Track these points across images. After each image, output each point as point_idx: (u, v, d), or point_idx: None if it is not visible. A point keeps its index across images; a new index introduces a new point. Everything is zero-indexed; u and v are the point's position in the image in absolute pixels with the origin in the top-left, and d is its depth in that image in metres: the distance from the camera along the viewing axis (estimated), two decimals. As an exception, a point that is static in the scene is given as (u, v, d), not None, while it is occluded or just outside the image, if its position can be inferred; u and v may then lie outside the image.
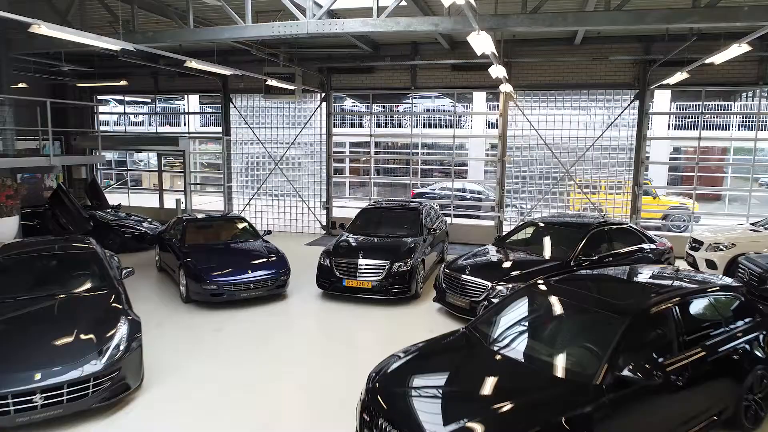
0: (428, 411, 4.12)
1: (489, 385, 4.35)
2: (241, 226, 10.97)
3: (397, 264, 9.10)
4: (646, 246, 9.71)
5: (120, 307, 6.19)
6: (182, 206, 15.91)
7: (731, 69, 12.53)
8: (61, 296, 6.33)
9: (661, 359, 4.49)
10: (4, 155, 9.54)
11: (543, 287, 5.58)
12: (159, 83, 16.97)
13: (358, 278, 9.09)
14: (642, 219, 14.86)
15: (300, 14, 7.92)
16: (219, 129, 17.25)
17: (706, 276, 6.62)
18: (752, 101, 21.58)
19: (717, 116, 22.30)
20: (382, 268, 9.07)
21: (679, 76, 10.41)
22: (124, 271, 7.31)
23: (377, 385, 4.53)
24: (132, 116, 21.92)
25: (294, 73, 14.07)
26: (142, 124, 25.47)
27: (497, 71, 9.68)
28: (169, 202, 17.48)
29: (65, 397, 5.07)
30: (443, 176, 20.49)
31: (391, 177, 21.76)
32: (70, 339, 5.47)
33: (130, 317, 6.00)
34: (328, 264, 9.42)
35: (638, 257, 9.32)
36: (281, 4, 7.86)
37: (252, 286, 8.97)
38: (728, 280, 6.17)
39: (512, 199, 14.77)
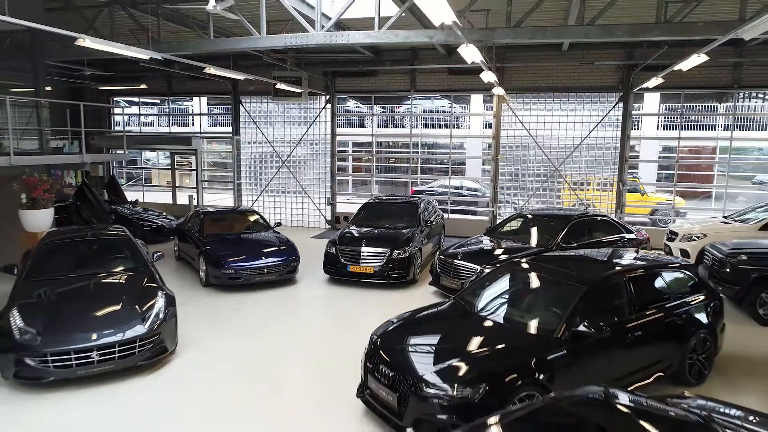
0: (420, 357, 5.08)
1: (472, 340, 5.29)
2: (253, 218, 11.94)
3: (396, 251, 10.06)
4: (624, 236, 10.65)
5: (156, 284, 7.16)
6: (194, 202, 16.90)
7: (709, 73, 13.47)
8: (105, 275, 7.30)
9: (611, 320, 5.43)
10: (40, 153, 10.50)
11: (520, 264, 6.54)
12: (172, 86, 17.95)
13: (361, 264, 10.06)
14: (630, 214, 15.82)
15: (308, 26, 8.84)
16: (225, 129, 18.21)
17: (660, 256, 7.55)
18: (740, 103, 22.49)
19: (706, 117, 23.16)
20: (383, 255, 10.04)
21: (655, 81, 11.34)
22: (155, 255, 8.28)
23: (378, 341, 5.49)
24: (142, 117, 22.83)
25: (301, 77, 15.02)
26: (151, 124, 26.44)
27: (488, 76, 10.61)
28: (181, 199, 18.48)
29: (116, 355, 6.04)
30: (442, 174, 21.44)
31: (392, 175, 22.76)
32: (117, 308, 6.44)
33: (165, 292, 6.97)
34: (334, 252, 10.39)
35: (616, 246, 10.26)
36: (290, 14, 8.80)
37: (266, 271, 9.95)
38: (678, 260, 7.11)
39: (506, 196, 15.72)
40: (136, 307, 6.51)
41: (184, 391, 6.03)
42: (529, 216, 11.08)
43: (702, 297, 6.46)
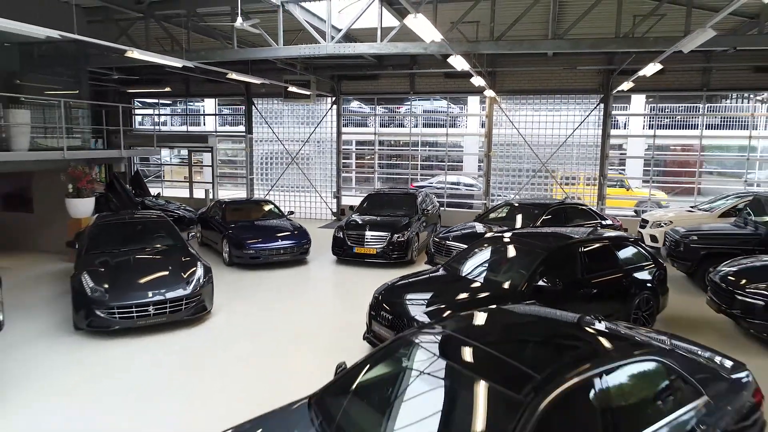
0: (414, 305, 6.47)
1: (457, 293, 6.66)
2: (268, 207, 13.36)
3: (396, 235, 11.46)
4: (600, 222, 12.00)
5: (195, 256, 8.56)
6: (210, 196, 18.32)
7: (681, 77, 14.85)
8: (151, 249, 8.71)
9: (565, 278, 6.79)
10: (83, 149, 11.92)
11: (497, 237, 7.93)
12: (190, 88, 19.36)
13: (365, 246, 11.46)
14: (617, 207, 17.19)
15: (319, 37, 10.23)
16: (235, 128, 19.59)
17: (614, 233, 8.90)
18: (726, 104, 23.79)
19: (686, 117, 24.49)
20: (384, 238, 11.43)
21: (627, 85, 12.68)
22: (189, 235, 9.70)
23: (380, 296, 6.88)
24: (155, 117, 24.28)
25: (309, 80, 16.42)
26: (164, 123, 27.89)
27: (478, 81, 11.99)
28: (197, 193, 19.88)
29: (167, 310, 7.44)
30: (441, 171, 22.81)
31: (394, 171, 24.14)
32: (166, 273, 7.85)
33: (203, 263, 8.37)
34: (342, 236, 11.79)
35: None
36: (301, 25, 10.17)
37: (281, 251, 11.36)
38: (629, 236, 8.47)
39: (498, 190, 17.10)
40: (181, 273, 7.91)
41: (222, 339, 7.43)
42: (515, 204, 12.47)
43: (647, 266, 7.84)
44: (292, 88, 15.25)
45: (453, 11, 10.62)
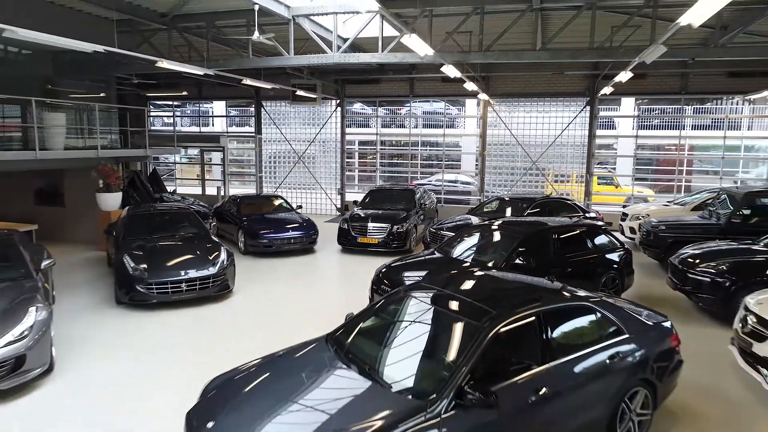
0: (411, 280, 7.61)
1: (447, 269, 7.81)
2: (278, 202, 14.53)
3: (396, 227, 12.61)
4: (581, 215, 13.13)
5: (218, 242, 9.74)
6: (222, 192, 19.51)
7: (661, 81, 15.98)
8: (179, 236, 9.89)
9: (539, 259, 7.93)
10: (113, 149, 13.10)
11: (483, 225, 9.08)
12: (203, 91, 20.55)
13: (367, 236, 12.62)
14: (606, 203, 18.30)
15: (326, 46, 11.36)
16: (241, 129, 20.73)
17: (586, 222, 10.03)
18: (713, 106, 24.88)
19: (670, 118, 25.58)
20: (385, 229, 12.59)
21: (608, 89, 13.81)
22: (211, 225, 10.85)
23: (381, 273, 8.05)
24: (168, 118, 25.47)
25: (316, 84, 17.56)
26: (175, 124, 29.08)
27: (470, 86, 13.14)
28: (208, 190, 21.07)
29: (197, 287, 8.62)
30: (439, 169, 23.98)
31: (394, 169, 25.34)
32: (195, 256, 9.02)
33: (226, 248, 9.54)
34: (346, 227, 12.95)
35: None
36: (308, 34, 11.29)
37: (292, 241, 12.54)
38: (596, 223, 9.61)
39: (493, 186, 18.23)
40: (208, 256, 9.08)
41: (244, 311, 8.61)
42: (505, 199, 13.63)
43: (614, 250, 8.98)
44: (300, 92, 16.40)
45: (448, 22, 11.74)
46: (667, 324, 5.30)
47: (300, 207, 14.69)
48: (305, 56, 11.62)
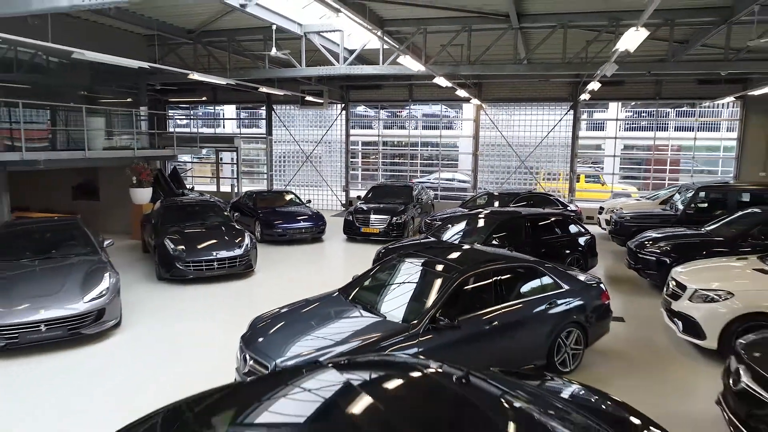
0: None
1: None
2: (289, 197, 16.16)
3: (395, 218, 14.22)
4: (561, 208, 14.72)
5: (242, 229, 11.37)
6: (236, 189, 21.13)
7: (638, 87, 17.55)
8: (208, 223, 11.51)
9: (513, 240, 9.51)
10: (146, 149, 14.76)
11: (469, 214, 10.69)
12: (218, 96, 22.20)
13: (370, 226, 14.23)
14: (595, 199, 19.85)
15: (332, 58, 12.96)
16: (250, 130, 22.37)
17: (557, 212, 11.61)
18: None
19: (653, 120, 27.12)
20: (386, 220, 14.20)
21: (586, 96, 15.38)
22: (235, 215, 12.47)
23: (381, 253, 9.65)
24: (182, 120, 27.16)
25: (323, 90, 19.18)
26: (186, 126, 30.76)
27: (462, 93, 14.73)
28: (223, 187, 22.69)
29: (226, 265, 10.24)
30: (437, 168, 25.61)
31: (395, 168, 26.96)
32: (223, 240, 10.64)
33: (249, 234, 11.16)
34: (351, 219, 14.57)
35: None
36: (316, 45, 12.88)
37: (303, 231, 14.17)
38: (565, 213, 11.19)
39: (486, 184, 19.83)
40: (234, 240, 10.71)
41: (266, 285, 10.23)
42: (494, 194, 15.24)
43: (580, 235, 10.57)
44: (309, 98, 18.02)
45: (442, 36, 13.32)
46: (599, 284, 6.89)
47: (309, 201, 16.32)
48: (315, 68, 13.22)
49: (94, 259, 8.22)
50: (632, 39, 6.91)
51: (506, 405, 3.08)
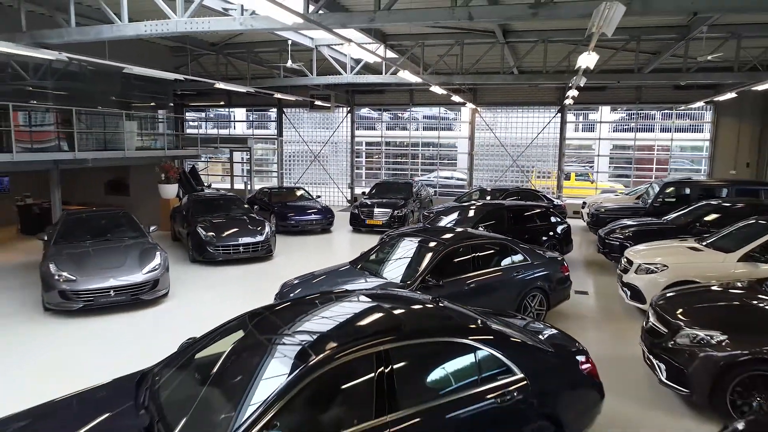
0: (402, 241, 10.84)
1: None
2: (300, 193, 17.80)
3: (396, 211, 15.84)
4: (545, 202, 16.29)
5: (262, 219, 13.01)
6: (249, 187, 22.77)
7: (620, 92, 19.11)
8: (231, 213, 13.16)
9: (497, 227, 11.09)
10: (174, 149, 16.42)
11: (460, 205, 12.30)
12: (232, 100, 23.86)
13: (374, 218, 15.86)
14: (585, 195, 21.41)
15: (339, 68, 14.58)
16: (259, 131, 24.02)
17: (540, 204, 13.19)
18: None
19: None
20: (388, 213, 15.81)
21: (569, 101, 16.95)
22: (254, 208, 14.11)
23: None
24: (200, 122, 28.86)
25: (330, 95, 20.81)
26: (198, 127, 32.44)
27: (457, 98, 16.32)
28: (236, 185, 24.33)
29: (250, 250, 11.88)
30: (437, 167, 27.27)
31: (398, 166, 28.63)
32: (246, 228, 12.28)
33: (268, 222, 12.80)
34: (357, 212, 16.20)
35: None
36: (325, 57, 14.49)
37: (313, 222, 15.81)
38: (544, 205, 12.78)
39: (482, 181, 21.42)
40: (256, 228, 12.35)
41: (286, 266, 11.84)
42: (487, 189, 16.84)
43: (557, 224, 12.16)
44: (318, 102, 19.65)
45: (439, 48, 14.90)
46: (560, 259, 8.49)
47: (319, 197, 17.96)
48: (325, 77, 14.84)
49: (143, 241, 9.87)
50: (586, 60, 8.48)
51: (469, 315, 4.67)
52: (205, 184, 21.73)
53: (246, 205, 16.83)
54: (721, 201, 12.07)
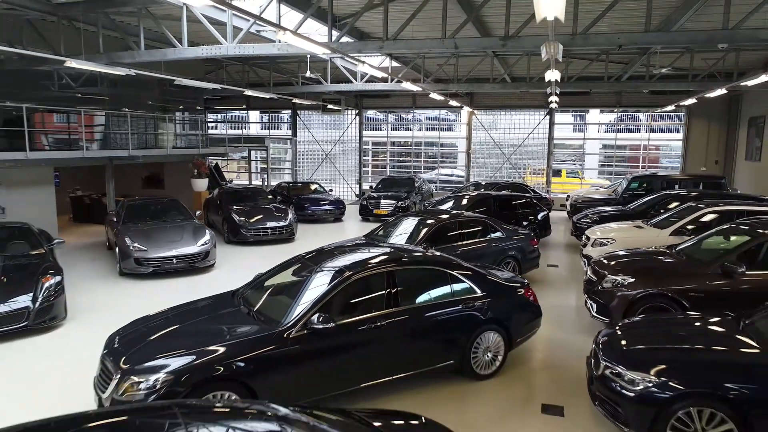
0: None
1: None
2: (314, 186, 20.01)
3: (400, 202, 17.99)
4: (532, 195, 18.40)
5: (286, 207, 15.19)
6: (266, 182, 24.98)
7: (603, 96, 21.19)
8: (258, 203, 15.35)
9: (483, 213, 13.23)
10: (206, 147, 18.62)
11: (455, 195, 14.47)
12: (251, 102, 26.07)
13: (380, 209, 18.02)
14: (570, 190, 23.49)
15: (350, 76, 16.73)
16: (272, 132, 26.25)
17: (523, 194, 15.31)
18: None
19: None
20: (393, 204, 17.97)
21: (555, 105, 19.04)
22: (278, 198, 16.31)
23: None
24: (220, 123, 31.12)
25: (340, 99, 22.99)
26: (216, 127, 34.69)
27: (453, 102, 18.44)
28: (254, 181, 26.55)
29: (277, 233, 14.06)
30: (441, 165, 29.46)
31: (402, 165, 30.79)
32: (272, 214, 14.46)
33: (291, 210, 14.98)
34: (365, 203, 18.39)
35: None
36: (337, 66, 16.64)
37: (327, 212, 18.02)
38: (527, 196, 14.90)
39: (480, 178, 23.53)
40: (281, 215, 14.53)
41: (306, 247, 14.01)
42: (482, 183, 18.97)
43: (538, 211, 14.27)
44: (330, 106, 21.85)
45: (438, 59, 17.03)
46: (530, 235, 10.63)
47: (331, 190, 20.15)
48: (338, 85, 17.01)
49: (193, 222, 12.07)
50: (551, 75, 10.60)
51: (446, 256, 6.80)
52: (228, 180, 23.97)
53: (269, 196, 19.14)
54: (678, 192, 14.16)
